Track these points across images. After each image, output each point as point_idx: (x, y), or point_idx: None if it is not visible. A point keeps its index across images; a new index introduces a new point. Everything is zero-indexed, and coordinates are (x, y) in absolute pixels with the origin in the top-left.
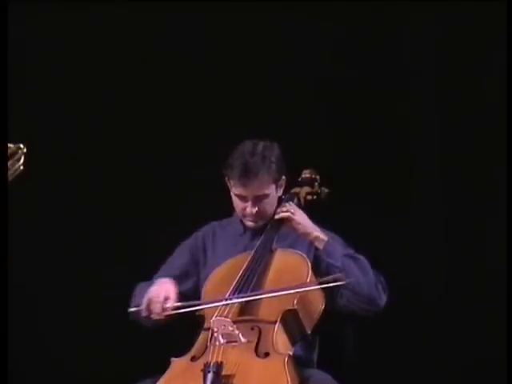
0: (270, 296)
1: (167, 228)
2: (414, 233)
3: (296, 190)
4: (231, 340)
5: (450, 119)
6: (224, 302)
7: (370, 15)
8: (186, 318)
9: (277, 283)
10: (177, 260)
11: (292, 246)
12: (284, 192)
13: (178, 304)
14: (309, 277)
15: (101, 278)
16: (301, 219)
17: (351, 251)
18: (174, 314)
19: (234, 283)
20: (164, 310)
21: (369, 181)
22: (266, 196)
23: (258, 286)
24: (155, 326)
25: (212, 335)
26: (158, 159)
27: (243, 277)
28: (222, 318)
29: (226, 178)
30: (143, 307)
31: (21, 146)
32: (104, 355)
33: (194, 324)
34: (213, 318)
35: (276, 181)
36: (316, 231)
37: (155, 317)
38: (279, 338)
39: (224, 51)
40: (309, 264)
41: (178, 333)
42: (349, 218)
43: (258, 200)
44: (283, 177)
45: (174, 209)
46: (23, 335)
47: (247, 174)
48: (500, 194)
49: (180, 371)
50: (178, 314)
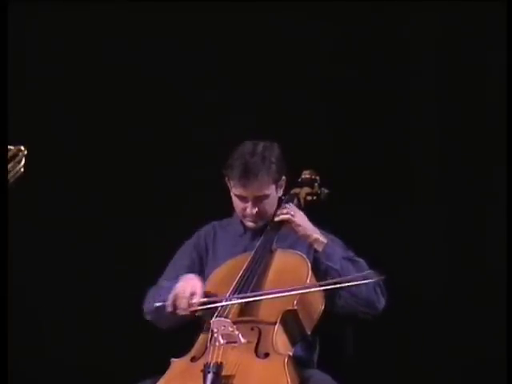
0: (271, 297)
1: (167, 228)
2: (414, 233)
3: (296, 191)
4: (231, 340)
5: (450, 119)
6: (238, 301)
7: (370, 15)
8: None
9: (277, 284)
10: (180, 260)
11: (292, 247)
12: (284, 192)
13: (204, 300)
14: (309, 277)
15: (101, 279)
16: (301, 221)
17: (351, 253)
18: (200, 310)
19: (234, 284)
20: (190, 306)
21: (369, 181)
22: (266, 196)
23: (258, 287)
24: (171, 328)
25: (212, 336)
26: (158, 159)
27: (243, 277)
28: (222, 319)
29: (226, 179)
30: (169, 303)
31: (21, 148)
32: (104, 356)
33: (194, 324)
34: (213, 319)
35: (276, 181)
36: (316, 233)
37: (181, 312)
38: (279, 339)
39: (224, 51)
40: (309, 264)
41: (178, 333)
42: (349, 218)
43: (258, 200)
44: (283, 177)
45: (175, 209)
46: (23, 336)
47: (247, 175)
48: (500, 194)
49: (180, 372)
50: (203, 310)
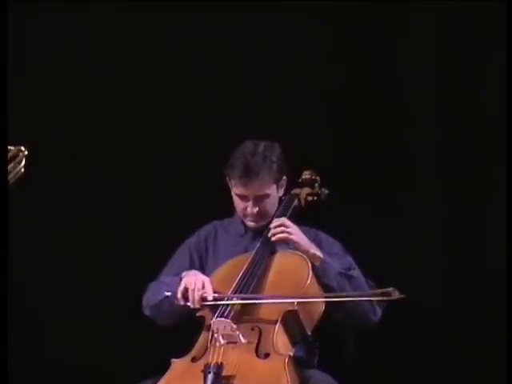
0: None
1: (168, 228)
2: (414, 233)
3: (296, 191)
4: (231, 341)
5: (450, 119)
6: (256, 301)
7: (370, 15)
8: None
9: (277, 285)
10: (180, 258)
11: (292, 247)
12: (285, 192)
13: (217, 295)
14: (309, 278)
15: (101, 279)
16: (297, 238)
17: (347, 263)
18: (210, 306)
19: (234, 284)
20: (203, 300)
21: (369, 181)
22: (267, 196)
23: (259, 288)
24: (168, 325)
25: (212, 336)
26: (159, 159)
27: (243, 278)
28: (223, 319)
29: (227, 178)
30: (179, 296)
31: (22, 149)
32: (104, 356)
33: (195, 325)
34: (213, 319)
35: (277, 181)
36: (312, 248)
37: (193, 305)
38: (279, 339)
39: (224, 51)
40: (309, 265)
41: (178, 334)
42: (349, 219)
43: (259, 200)
44: (284, 177)
45: (175, 209)
46: (23, 336)
47: (248, 174)
48: (500, 194)
49: (180, 372)
50: (211, 307)
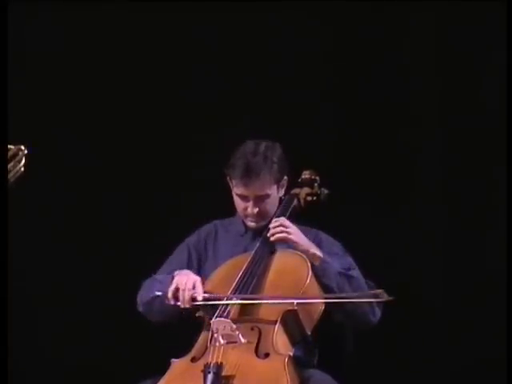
0: (272, 302)
1: (168, 228)
2: (414, 233)
3: (296, 191)
4: (231, 341)
5: (450, 119)
6: (242, 301)
7: (370, 15)
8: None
9: (277, 285)
10: (176, 258)
11: (291, 247)
12: (285, 192)
13: (207, 295)
14: (309, 278)
15: (101, 279)
16: (296, 237)
17: (348, 261)
18: (201, 306)
19: (234, 284)
20: (193, 300)
21: (369, 181)
22: (268, 196)
23: (258, 287)
24: (160, 322)
25: (212, 336)
26: (159, 159)
27: (243, 278)
28: (223, 319)
29: (228, 178)
30: (170, 295)
31: (22, 148)
32: (104, 356)
33: (194, 325)
34: (213, 319)
35: (278, 181)
36: (312, 248)
37: (183, 305)
38: (279, 339)
39: (224, 51)
40: (309, 264)
41: (178, 334)
42: (349, 218)
43: (260, 200)
44: (285, 177)
45: (175, 209)
46: (23, 336)
47: (249, 174)
48: (500, 194)
49: (180, 372)
50: (201, 307)
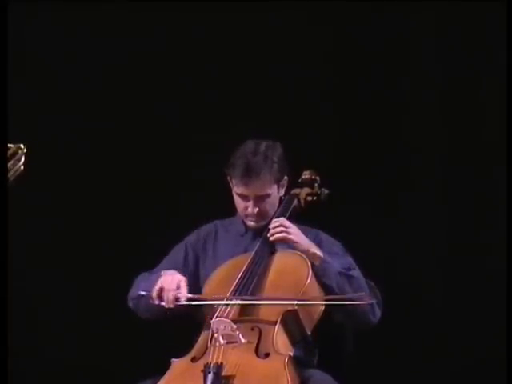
0: (272, 304)
1: (168, 228)
2: (414, 233)
3: (296, 191)
4: (231, 341)
5: (450, 119)
6: (235, 302)
7: (370, 15)
8: (186, 318)
9: (277, 285)
10: (173, 257)
11: (291, 247)
12: (286, 192)
13: (191, 296)
14: (309, 278)
15: (101, 279)
16: (296, 237)
17: (348, 261)
18: (185, 306)
19: (234, 284)
20: (177, 300)
21: (369, 181)
22: (268, 196)
23: (258, 288)
24: (148, 319)
25: (212, 336)
26: (159, 159)
27: (243, 278)
28: (223, 319)
29: (228, 178)
30: (154, 294)
31: (21, 147)
32: (104, 356)
33: (194, 325)
34: (213, 319)
35: (278, 181)
36: (312, 248)
37: (167, 305)
38: (279, 339)
39: (225, 51)
40: (309, 264)
41: (178, 334)
42: (349, 218)
43: (260, 200)
44: (285, 177)
45: (175, 209)
46: (23, 336)
47: (249, 174)
48: (500, 194)
49: (180, 372)
50: (186, 307)
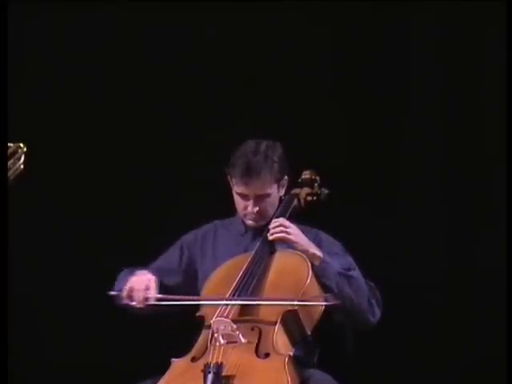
0: (271, 304)
1: (168, 228)
2: (414, 233)
3: (296, 191)
4: (231, 340)
5: (450, 119)
6: (219, 302)
7: (371, 15)
8: (186, 318)
9: (277, 284)
10: (167, 255)
11: (291, 247)
12: (286, 192)
13: (160, 296)
14: (309, 277)
15: (101, 279)
16: (296, 237)
17: (347, 263)
18: (156, 306)
19: (234, 284)
20: (146, 300)
21: (369, 181)
22: (268, 195)
23: (258, 288)
24: (140, 314)
25: (212, 336)
26: (159, 159)
27: (243, 278)
28: (223, 319)
29: (229, 177)
30: (124, 294)
31: (21, 146)
32: (104, 356)
33: (194, 324)
34: (213, 319)
35: (278, 180)
36: (311, 248)
37: (137, 305)
38: (279, 339)
39: (225, 50)
40: (309, 264)
41: (178, 333)
42: (349, 218)
43: (260, 199)
44: (285, 177)
45: (175, 209)
46: (23, 336)
47: (249, 173)
48: (500, 195)
49: (180, 372)
50: (156, 307)
